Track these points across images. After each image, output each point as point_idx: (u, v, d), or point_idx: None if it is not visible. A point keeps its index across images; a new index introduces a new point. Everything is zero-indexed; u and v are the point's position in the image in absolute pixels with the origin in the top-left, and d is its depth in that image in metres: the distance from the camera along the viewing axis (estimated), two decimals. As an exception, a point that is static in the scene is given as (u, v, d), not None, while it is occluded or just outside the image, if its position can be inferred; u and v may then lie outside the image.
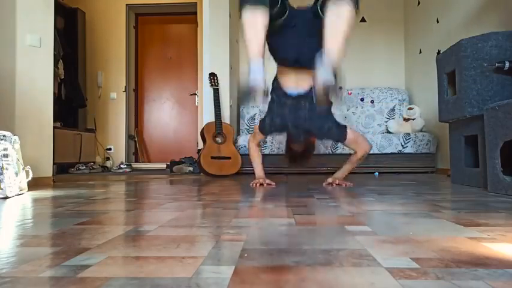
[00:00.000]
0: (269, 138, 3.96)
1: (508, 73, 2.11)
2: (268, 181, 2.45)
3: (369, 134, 4.19)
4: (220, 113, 3.77)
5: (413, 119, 4.08)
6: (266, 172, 2.59)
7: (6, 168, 1.96)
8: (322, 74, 1.62)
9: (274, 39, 2.03)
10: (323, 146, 3.91)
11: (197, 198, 1.79)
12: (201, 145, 3.98)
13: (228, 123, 3.98)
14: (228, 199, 1.74)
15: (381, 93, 4.52)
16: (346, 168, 2.43)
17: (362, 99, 4.53)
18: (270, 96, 2.19)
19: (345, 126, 2.24)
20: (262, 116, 2.40)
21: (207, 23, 4.03)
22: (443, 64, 2.49)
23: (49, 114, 2.78)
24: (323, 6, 1.82)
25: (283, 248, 0.82)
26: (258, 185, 2.39)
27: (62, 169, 4.52)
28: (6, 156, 1.98)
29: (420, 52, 4.24)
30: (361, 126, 4.47)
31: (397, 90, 4.51)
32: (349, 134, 2.21)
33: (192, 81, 5.75)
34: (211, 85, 3.91)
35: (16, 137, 2.12)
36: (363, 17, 4.79)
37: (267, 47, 2.01)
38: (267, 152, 3.95)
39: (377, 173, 3.81)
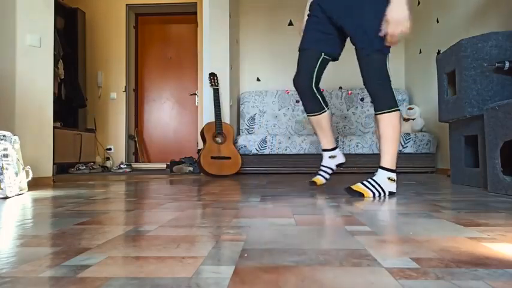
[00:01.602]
0: (269, 138, 3.97)
1: (508, 73, 2.11)
2: None
3: (369, 134, 4.19)
4: (220, 113, 3.77)
5: (413, 119, 4.08)
6: (266, 172, 2.58)
7: (6, 168, 1.96)
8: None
9: None
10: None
11: (197, 198, 1.79)
12: (201, 145, 3.98)
13: (228, 123, 3.98)
14: (228, 199, 1.74)
15: (381, 93, 4.52)
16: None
17: (362, 99, 4.54)
18: None
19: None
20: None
21: (207, 23, 4.03)
22: (443, 64, 2.49)
23: (49, 114, 2.78)
24: None
25: (283, 248, 0.82)
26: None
27: (62, 169, 4.52)
28: (6, 156, 1.98)
29: (420, 52, 4.24)
30: (361, 126, 4.47)
31: (397, 90, 4.51)
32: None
33: (192, 81, 5.75)
34: (211, 85, 3.91)
35: (16, 137, 2.12)
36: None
37: None
38: (266, 152, 3.95)
39: (377, 173, 3.81)
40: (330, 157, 2.16)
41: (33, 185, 2.43)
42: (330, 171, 2.20)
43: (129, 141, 5.59)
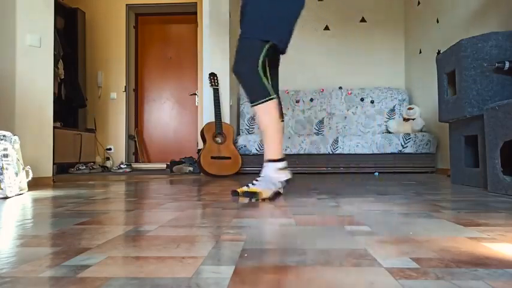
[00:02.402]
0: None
1: (508, 73, 2.11)
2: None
3: (369, 134, 4.19)
4: (220, 113, 3.77)
5: (413, 119, 4.08)
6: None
7: (6, 168, 1.96)
8: None
9: None
10: (323, 146, 3.91)
11: (197, 198, 1.79)
12: (201, 145, 3.98)
13: (228, 123, 3.98)
14: (228, 199, 1.74)
15: (381, 93, 4.52)
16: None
17: (362, 99, 4.54)
18: None
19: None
20: None
21: (207, 23, 4.03)
22: (443, 64, 2.49)
23: (49, 114, 2.78)
24: None
25: (283, 248, 0.82)
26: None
27: (62, 169, 4.52)
28: (6, 156, 1.98)
29: (420, 52, 4.24)
30: (361, 126, 4.47)
31: (397, 90, 4.51)
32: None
33: (192, 81, 5.75)
34: (211, 85, 3.91)
35: (16, 137, 2.12)
36: (362, 17, 4.79)
37: None
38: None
39: (377, 173, 3.81)
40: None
41: (33, 185, 2.43)
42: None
43: (129, 141, 5.59)
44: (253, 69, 1.66)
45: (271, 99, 1.68)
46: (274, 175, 1.70)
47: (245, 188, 1.68)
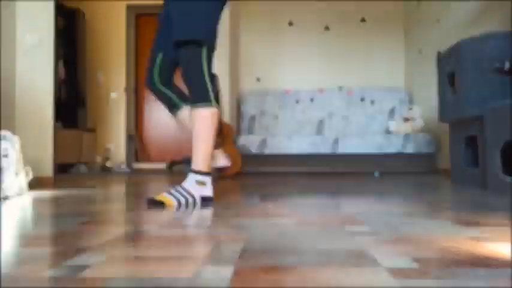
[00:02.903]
0: (269, 138, 3.96)
1: (508, 73, 2.11)
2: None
3: (369, 134, 4.19)
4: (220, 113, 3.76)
5: (413, 119, 4.08)
6: (266, 172, 2.57)
7: (7, 168, 1.96)
8: None
9: None
10: (323, 146, 3.91)
11: (197, 198, 1.78)
12: (201, 145, 3.98)
13: (228, 123, 3.98)
14: (228, 199, 1.74)
15: (381, 93, 4.52)
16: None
17: (362, 99, 4.54)
18: None
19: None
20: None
21: (207, 23, 4.02)
22: (444, 64, 2.49)
23: (49, 114, 2.78)
24: None
25: (283, 248, 0.82)
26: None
27: (62, 169, 4.52)
28: (6, 156, 1.98)
29: (420, 52, 4.24)
30: (361, 126, 4.47)
31: (397, 90, 4.51)
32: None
33: (192, 81, 5.74)
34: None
35: (16, 137, 2.12)
36: (362, 17, 4.79)
37: None
38: (266, 152, 3.95)
39: (377, 173, 3.81)
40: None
41: (33, 185, 2.43)
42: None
43: (129, 141, 5.59)
44: (200, 73, 1.66)
45: (211, 106, 1.65)
46: (192, 188, 1.58)
47: (163, 195, 1.56)
